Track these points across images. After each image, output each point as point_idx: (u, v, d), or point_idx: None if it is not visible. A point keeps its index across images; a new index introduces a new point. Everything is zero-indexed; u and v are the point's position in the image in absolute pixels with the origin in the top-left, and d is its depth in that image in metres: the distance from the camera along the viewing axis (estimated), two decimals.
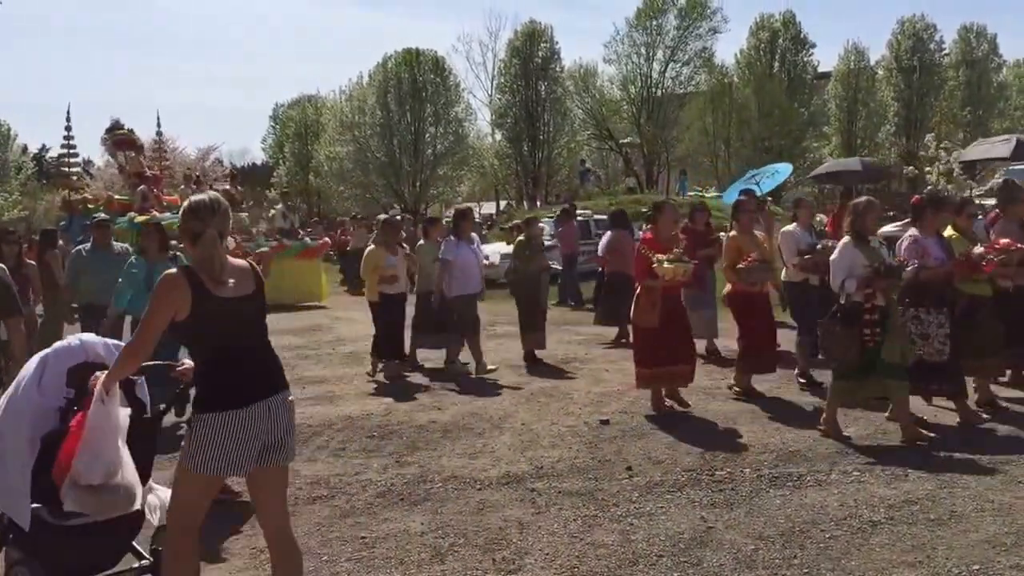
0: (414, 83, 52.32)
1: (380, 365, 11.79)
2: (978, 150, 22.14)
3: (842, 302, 7.88)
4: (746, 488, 6.70)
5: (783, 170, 23.82)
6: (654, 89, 54.24)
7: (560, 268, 15.46)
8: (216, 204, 4.36)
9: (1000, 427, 8.20)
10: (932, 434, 7.93)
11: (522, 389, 10.63)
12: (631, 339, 10.44)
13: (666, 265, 8.74)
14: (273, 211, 24.27)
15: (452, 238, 11.89)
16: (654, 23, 54.17)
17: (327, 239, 26.49)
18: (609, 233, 14.72)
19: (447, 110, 53.53)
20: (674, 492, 6.69)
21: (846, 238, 8.01)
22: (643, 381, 9.29)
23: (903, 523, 5.85)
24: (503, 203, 54.73)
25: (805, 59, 56.55)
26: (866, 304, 7.69)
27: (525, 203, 46.90)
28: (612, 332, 14.18)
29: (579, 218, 23.63)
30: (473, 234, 12.38)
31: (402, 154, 52.50)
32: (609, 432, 8.46)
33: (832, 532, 5.75)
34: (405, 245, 12.38)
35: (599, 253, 15.06)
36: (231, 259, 4.42)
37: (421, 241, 12.75)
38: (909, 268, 7.94)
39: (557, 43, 54.79)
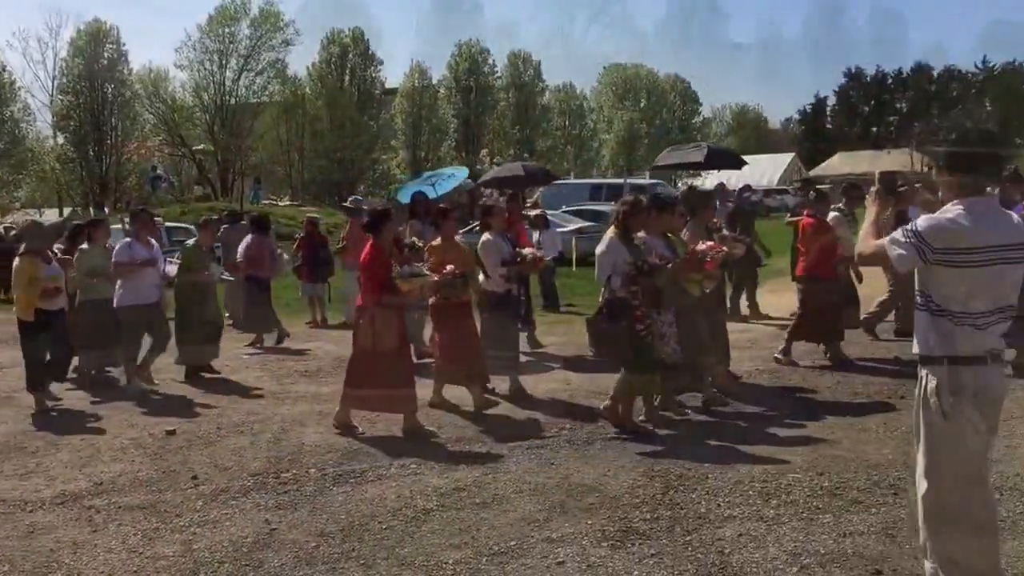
0: None
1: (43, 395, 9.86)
2: (673, 156, 24.22)
3: (607, 297, 7.91)
4: (310, 488, 6.86)
5: (459, 174, 25.51)
6: (228, 97, 53.51)
7: (232, 278, 14.50)
8: None
9: (537, 414, 8.84)
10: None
11: (84, 403, 10.00)
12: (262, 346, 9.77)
13: (414, 280, 8.26)
14: None
15: (127, 240, 10.78)
16: (227, 31, 53.47)
17: None
18: (249, 237, 14.25)
19: (1, 110, 49.57)
20: (240, 497, 6.71)
21: (611, 233, 7.94)
22: (356, 402, 8.44)
23: (452, 509, 6.29)
24: (67, 209, 51.33)
25: (374, 75, 59.17)
26: (634, 301, 7.78)
27: (92, 209, 44.23)
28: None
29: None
30: (151, 238, 11.11)
31: None
32: (175, 442, 8.26)
33: (389, 523, 6.06)
34: (56, 251, 10.64)
35: (239, 258, 14.36)
36: None
37: (84, 245, 11.00)
38: (670, 267, 8.04)
39: (124, 44, 52.56)
